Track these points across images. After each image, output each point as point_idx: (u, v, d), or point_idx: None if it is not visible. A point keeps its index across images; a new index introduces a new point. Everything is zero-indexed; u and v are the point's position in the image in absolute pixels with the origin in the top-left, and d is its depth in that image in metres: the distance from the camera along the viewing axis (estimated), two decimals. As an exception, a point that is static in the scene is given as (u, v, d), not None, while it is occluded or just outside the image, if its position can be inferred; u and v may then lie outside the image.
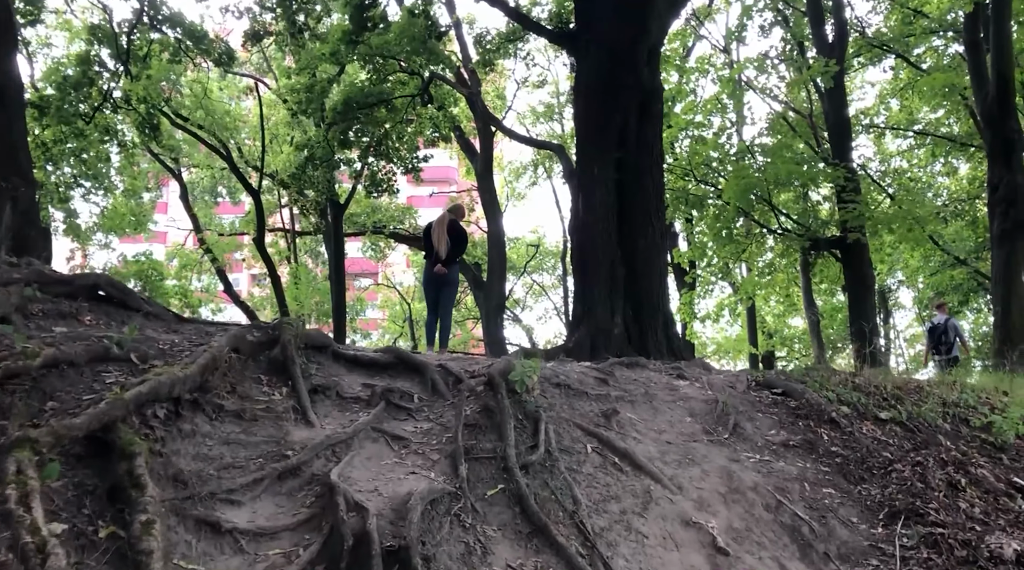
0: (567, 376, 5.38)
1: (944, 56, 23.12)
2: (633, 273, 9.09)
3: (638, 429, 4.87)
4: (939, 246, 21.36)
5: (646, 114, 9.21)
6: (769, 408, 5.77)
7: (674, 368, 6.64)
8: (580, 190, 9.37)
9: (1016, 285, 12.92)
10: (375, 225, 24.76)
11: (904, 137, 24.53)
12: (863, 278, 17.49)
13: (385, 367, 4.88)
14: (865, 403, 6.24)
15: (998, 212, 12.97)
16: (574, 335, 8.97)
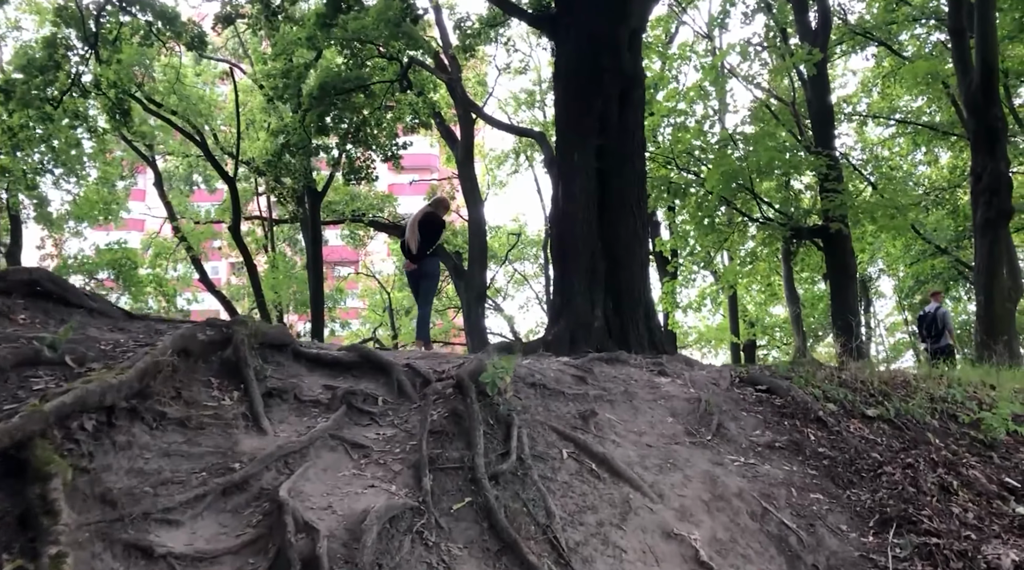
0: (543, 374, 5.11)
1: (926, 44, 23.02)
2: (614, 264, 8.81)
3: (617, 431, 4.60)
4: (920, 235, 21.28)
5: (628, 100, 8.91)
6: (753, 406, 5.53)
7: (655, 364, 6.38)
8: (560, 179, 9.08)
9: (999, 275, 12.78)
10: (354, 213, 24.35)
11: (886, 125, 24.41)
12: (845, 267, 17.35)
13: (349, 367, 4.58)
14: (852, 400, 6.01)
15: (982, 201, 12.80)
16: (553, 328, 8.70)
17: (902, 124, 23.80)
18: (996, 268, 12.70)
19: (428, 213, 9.11)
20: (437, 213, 9.29)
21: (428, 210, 9.15)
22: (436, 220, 9.17)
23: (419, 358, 5.04)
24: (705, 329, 28.16)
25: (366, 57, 19.72)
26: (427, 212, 9.10)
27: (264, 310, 20.76)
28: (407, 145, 21.84)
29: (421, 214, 9.06)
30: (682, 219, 20.57)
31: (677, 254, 22.00)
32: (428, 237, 8.97)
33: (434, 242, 9.12)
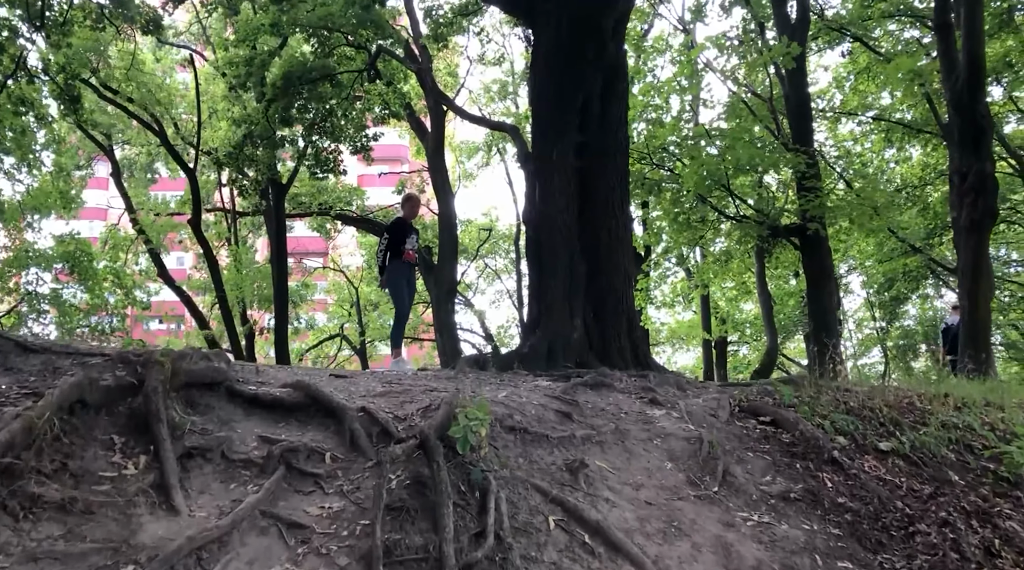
0: (523, 411, 4.35)
1: (900, 41, 22.58)
2: (595, 270, 8.09)
3: (611, 485, 3.86)
4: (895, 234, 20.86)
5: (610, 93, 8.15)
6: (759, 444, 4.83)
7: (645, 389, 5.66)
8: (536, 177, 8.31)
9: (984, 277, 12.29)
10: (321, 206, 23.38)
11: (859, 122, 23.95)
12: (822, 268, 16.79)
13: (292, 409, 3.78)
14: (863, 431, 5.35)
15: (967, 202, 12.27)
16: (529, 340, 7.94)
17: (876, 121, 23.36)
18: (981, 270, 12.20)
19: (396, 220, 8.60)
20: (402, 214, 8.73)
21: (397, 217, 8.68)
22: (396, 224, 8.53)
23: (379, 395, 4.25)
24: (677, 325, 27.64)
25: (333, 46, 18.78)
26: (395, 219, 8.59)
27: (225, 306, 19.75)
28: (377, 136, 20.93)
29: (389, 222, 8.69)
30: (656, 215, 19.93)
31: (651, 251, 21.36)
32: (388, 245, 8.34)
33: (389, 247, 8.36)
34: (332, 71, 18.48)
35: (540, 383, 5.79)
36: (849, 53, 22.13)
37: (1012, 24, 17.13)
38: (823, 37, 21.83)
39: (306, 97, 18.81)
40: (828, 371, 8.39)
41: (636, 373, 6.95)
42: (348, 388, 4.41)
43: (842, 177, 20.97)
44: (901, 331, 28.93)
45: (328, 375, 5.08)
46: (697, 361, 29.50)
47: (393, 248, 8.32)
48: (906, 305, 27.70)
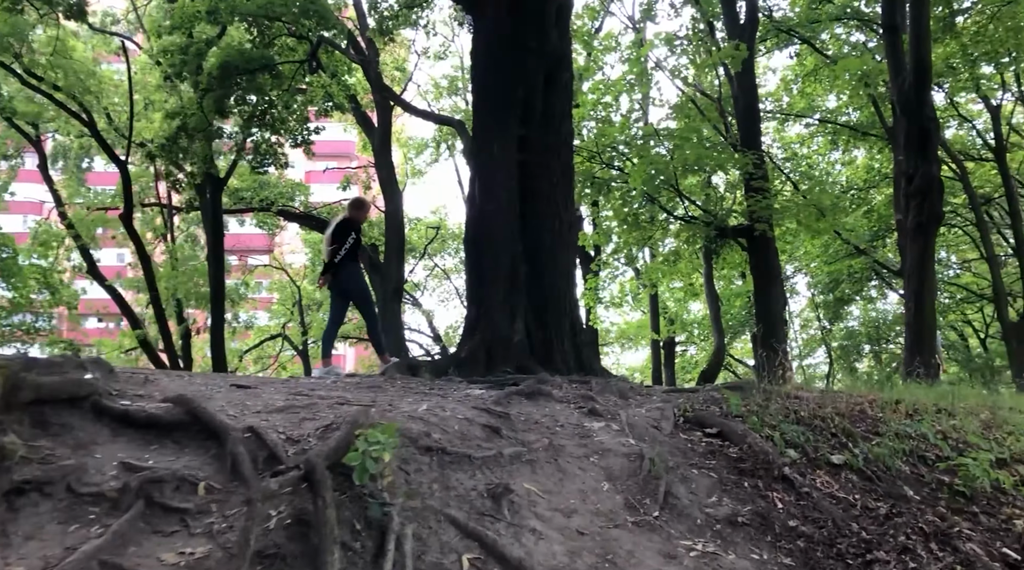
0: (445, 427, 3.86)
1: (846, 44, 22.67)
2: (537, 271, 7.64)
3: (539, 511, 3.40)
4: (840, 236, 20.90)
5: (554, 84, 7.72)
6: (705, 459, 4.42)
7: (585, 398, 5.22)
8: (477, 173, 7.84)
9: (930, 280, 12.21)
10: (262, 202, 22.54)
11: (806, 125, 24.02)
12: (770, 269, 16.66)
13: (170, 429, 3.23)
14: (814, 442, 5.00)
15: (913, 204, 12.17)
16: (467, 343, 7.46)
17: (822, 123, 23.43)
18: (927, 273, 12.11)
19: (340, 219, 8.12)
20: (349, 214, 8.20)
21: (344, 216, 8.14)
22: (345, 223, 8.05)
23: (277, 410, 3.71)
24: (626, 326, 27.43)
25: (274, 35, 18.06)
26: (343, 218, 8.08)
27: (158, 305, 18.85)
28: (319, 130, 20.25)
29: (334, 221, 8.17)
30: (606, 215, 19.62)
31: (600, 251, 21.05)
32: (340, 243, 7.86)
33: (343, 247, 7.89)
34: (272, 62, 17.75)
35: (472, 392, 5.31)
36: (797, 55, 22.15)
37: (954, 29, 17.22)
38: (772, 39, 21.81)
39: (244, 88, 18.04)
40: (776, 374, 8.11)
41: (578, 379, 6.52)
42: (245, 402, 3.87)
43: (789, 179, 20.95)
44: (845, 332, 29.19)
45: (229, 384, 4.53)
46: (646, 362, 29.37)
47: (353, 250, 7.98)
48: (850, 306, 27.94)
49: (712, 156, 16.34)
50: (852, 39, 22.90)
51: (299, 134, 19.53)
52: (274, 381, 5.37)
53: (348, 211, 8.27)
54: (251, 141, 19.52)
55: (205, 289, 20.72)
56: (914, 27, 12.14)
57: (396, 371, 6.93)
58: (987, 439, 6.03)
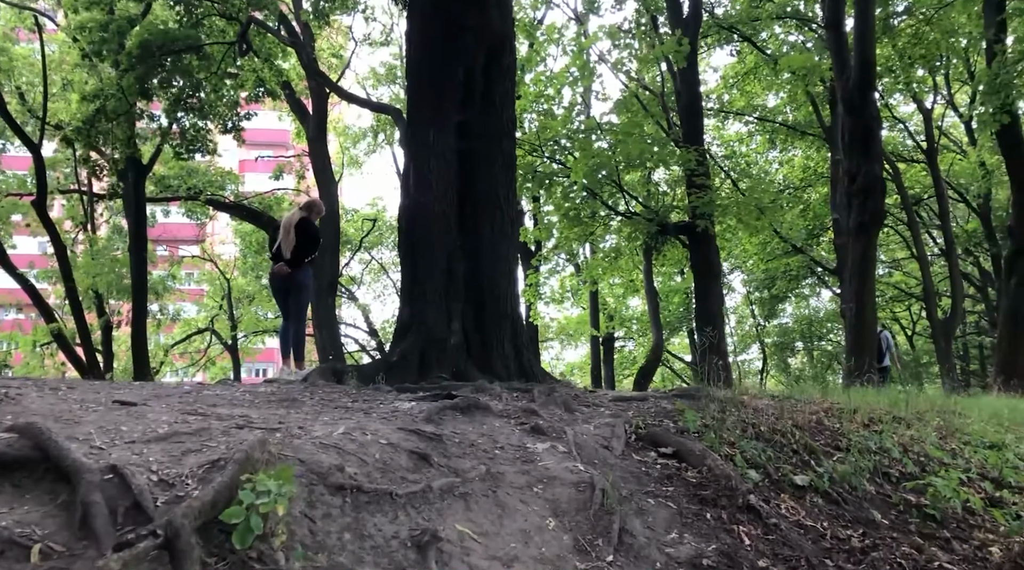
0: (363, 457, 3.24)
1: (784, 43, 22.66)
2: (476, 268, 7.05)
3: (474, 562, 2.82)
4: (778, 234, 20.87)
5: (495, 66, 7.13)
6: (662, 486, 3.90)
7: (527, 412, 4.66)
8: (412, 162, 7.19)
9: (871, 280, 12.06)
10: (190, 190, 21.38)
11: (745, 123, 23.97)
12: (710, 266, 16.44)
13: (10, 468, 2.54)
14: (776, 461, 4.55)
15: (855, 203, 11.99)
16: (400, 345, 6.82)
17: (760, 122, 23.41)
18: (868, 274, 11.95)
19: (304, 218, 7.80)
20: (311, 218, 7.96)
21: (303, 215, 7.83)
22: (312, 226, 7.89)
23: (158, 438, 3.03)
24: (566, 321, 27.07)
25: (202, 15, 17.00)
26: (303, 217, 7.78)
27: (75, 297, 17.61)
28: (251, 116, 19.26)
29: (296, 217, 7.79)
30: (547, 210, 19.15)
31: (541, 246, 20.58)
32: (307, 243, 7.67)
33: (313, 249, 7.80)
34: (199, 42, 16.71)
35: (401, 406, 4.70)
36: (737, 52, 22.04)
37: (892, 31, 17.24)
38: (713, 35, 21.63)
39: (169, 69, 16.96)
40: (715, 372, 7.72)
41: (519, 387, 5.97)
42: (121, 426, 3.18)
43: (729, 176, 20.81)
44: (779, 329, 29.44)
45: (112, 401, 3.82)
46: (585, 358, 29.11)
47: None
48: (784, 303, 28.16)
49: (654, 152, 16.00)
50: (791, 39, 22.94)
51: (229, 120, 18.53)
52: (170, 392, 4.65)
53: (310, 213, 7.99)
54: (177, 126, 18.44)
55: (127, 281, 19.51)
56: (859, 25, 11.95)
57: (320, 377, 6.27)
58: (946, 451, 5.71)
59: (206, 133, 17.88)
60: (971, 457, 5.67)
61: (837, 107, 20.06)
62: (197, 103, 17.84)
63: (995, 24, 14.44)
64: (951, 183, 23.80)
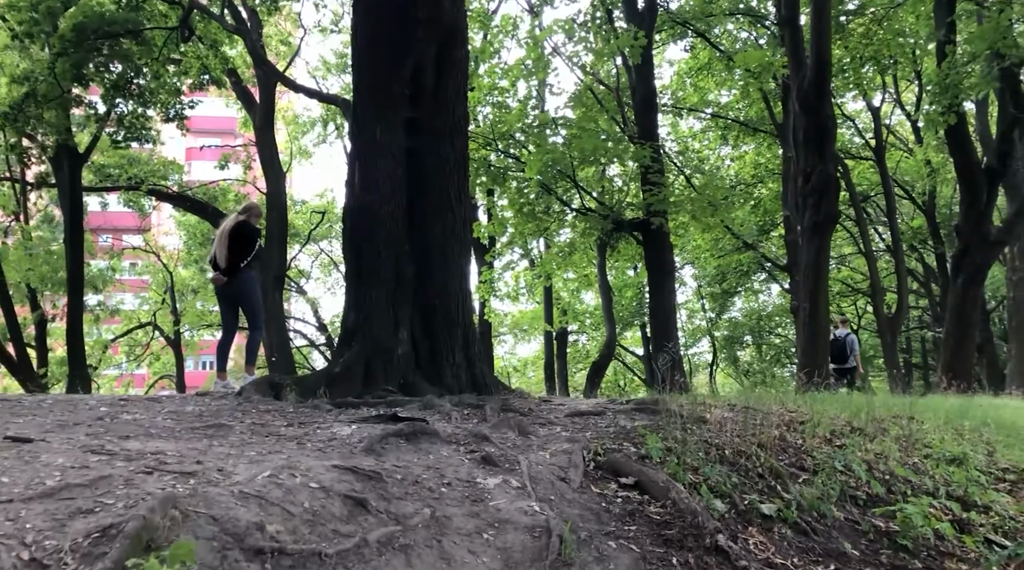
0: (290, 508, 2.83)
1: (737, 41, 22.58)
2: (426, 272, 6.64)
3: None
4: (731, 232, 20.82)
5: (446, 60, 6.70)
6: (624, 524, 3.57)
7: (478, 438, 4.28)
8: (357, 160, 6.73)
9: (824, 280, 11.97)
10: (131, 180, 20.44)
11: (699, 118, 23.87)
12: (664, 263, 16.27)
13: None
14: (741, 487, 4.26)
15: (810, 203, 11.86)
16: (343, 355, 6.39)
17: (713, 118, 23.33)
18: (822, 273, 11.85)
19: (240, 222, 7.44)
20: (250, 221, 7.60)
21: (240, 219, 7.48)
22: (249, 227, 7.52)
23: (40, 495, 2.58)
24: (520, 315, 26.75)
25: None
26: (239, 221, 7.53)
27: (5, 291, 16.65)
28: (194, 104, 18.44)
29: (232, 222, 7.51)
30: (501, 205, 18.75)
31: (495, 241, 20.20)
32: (242, 249, 7.39)
33: (249, 254, 7.42)
34: (139, 26, 15.88)
35: (340, 431, 4.28)
36: (692, 48, 21.88)
37: (844, 30, 17.22)
38: (667, 31, 21.44)
39: (106, 54, 16.11)
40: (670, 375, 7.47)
41: (470, 401, 5.60)
42: (1, 478, 2.71)
43: (683, 172, 20.68)
44: (729, 323, 29.58)
45: (3, 438, 3.32)
46: (538, 352, 28.86)
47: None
48: (735, 298, 28.27)
49: (609, 147, 15.71)
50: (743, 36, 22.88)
51: (171, 108, 17.75)
52: (80, 419, 4.15)
53: (248, 217, 7.62)
54: (115, 113, 17.57)
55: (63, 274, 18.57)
56: (815, 23, 11.79)
57: (255, 391, 5.80)
58: (909, 467, 5.51)
59: (145, 121, 17.08)
60: (935, 472, 5.48)
61: (790, 104, 20.07)
62: (137, 90, 17.03)
63: (945, 25, 14.47)
64: (897, 181, 24.08)
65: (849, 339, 13.73)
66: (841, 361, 13.46)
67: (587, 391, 21.49)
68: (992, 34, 12.83)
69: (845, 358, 13.46)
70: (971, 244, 14.98)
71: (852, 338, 13.90)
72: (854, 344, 13.77)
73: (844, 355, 13.44)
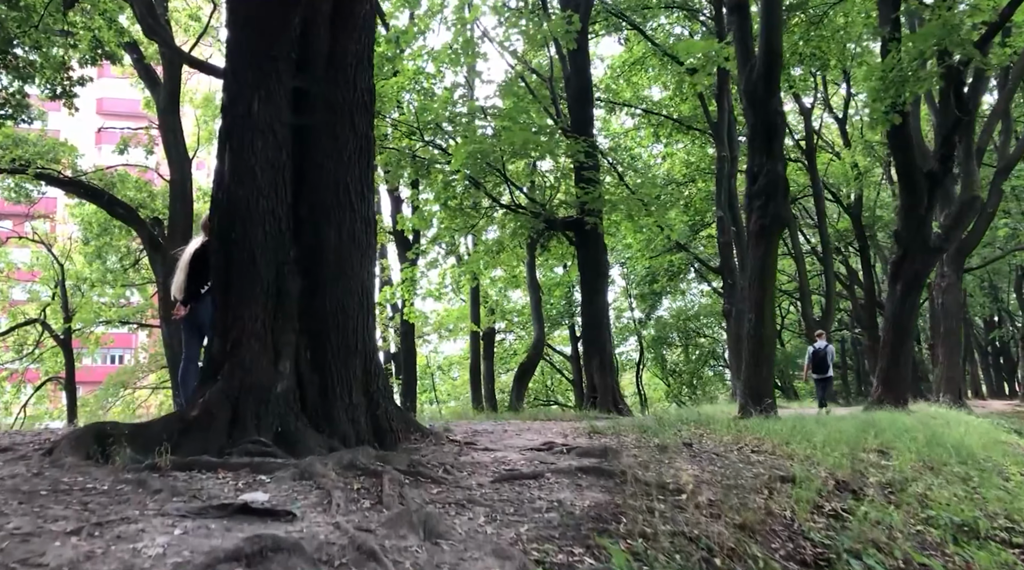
0: None
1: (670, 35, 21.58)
2: (316, 287, 5.09)
3: None
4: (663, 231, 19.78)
5: (344, 16, 5.15)
6: None
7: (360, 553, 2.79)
8: (228, 141, 5.10)
9: (771, 287, 10.86)
10: (15, 162, 18.04)
11: (632, 115, 22.77)
12: (598, 264, 15.03)
13: None
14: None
15: (756, 205, 10.72)
16: (204, 394, 4.77)
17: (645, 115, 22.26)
18: (768, 280, 10.74)
19: (203, 244, 6.05)
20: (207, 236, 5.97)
21: (203, 240, 6.12)
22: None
23: None
24: (445, 314, 25.19)
25: (17, -44, 13.95)
26: (202, 242, 6.07)
27: None
28: (85, 81, 16.21)
29: (195, 247, 6.18)
30: (426, 198, 17.18)
31: (420, 236, 18.62)
32: (200, 274, 5.98)
33: (207, 278, 5.79)
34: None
35: (145, 547, 2.72)
36: (626, 41, 20.74)
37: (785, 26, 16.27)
38: (601, 22, 20.23)
39: (-26, 18, 13.85)
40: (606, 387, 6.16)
41: (366, 464, 4.10)
42: None
43: (615, 169, 19.53)
44: (657, 323, 28.72)
45: None
46: (464, 352, 27.38)
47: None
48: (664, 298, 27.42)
49: (540, 141, 14.34)
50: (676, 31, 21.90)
51: (57, 84, 15.54)
52: None
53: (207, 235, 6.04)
54: (-12, 87, 15.26)
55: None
56: (765, 10, 10.65)
57: (71, 449, 4.16)
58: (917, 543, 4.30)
59: (23, 97, 14.84)
60: (952, 552, 4.28)
61: (724, 102, 19.15)
62: (12, 61, 14.77)
63: (890, 21, 13.61)
64: (824, 183, 23.55)
65: (828, 350, 14.03)
66: (822, 371, 13.89)
67: (514, 398, 20.20)
68: (940, 31, 11.99)
69: (826, 368, 13.85)
70: (911, 250, 14.23)
71: (831, 348, 14.19)
72: (833, 355, 14.23)
73: (825, 365, 13.82)
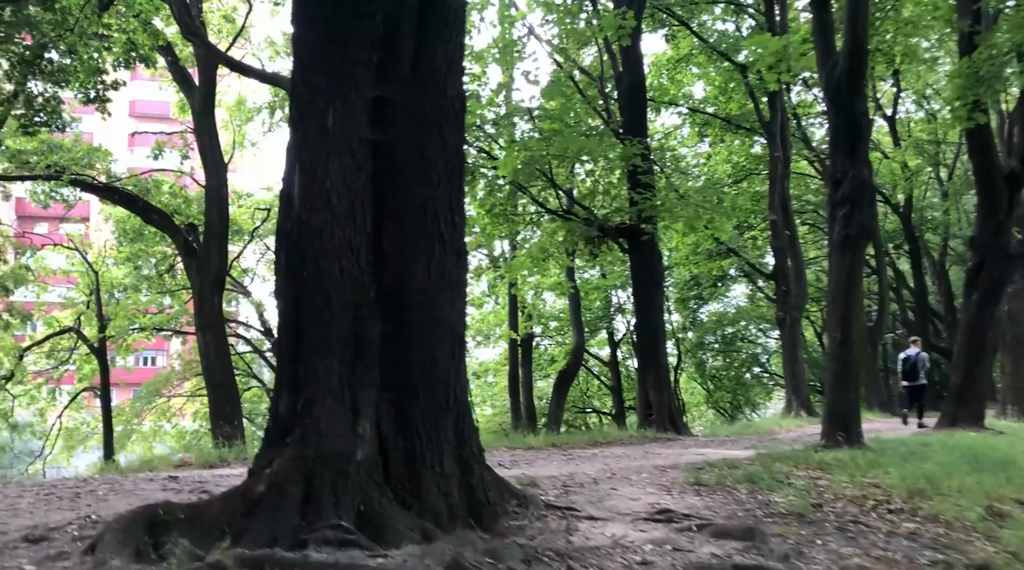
0: None
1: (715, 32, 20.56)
2: (401, 333, 4.23)
3: None
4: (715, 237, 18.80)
5: (436, 5, 4.29)
6: None
7: None
8: (298, 160, 4.24)
9: (858, 303, 9.89)
10: (50, 168, 17.51)
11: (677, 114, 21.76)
12: (652, 274, 14.10)
13: None
14: None
15: (840, 214, 9.73)
16: (269, 464, 3.92)
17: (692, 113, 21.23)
18: (854, 295, 9.75)
19: None
20: None
21: None
22: None
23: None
24: (481, 319, 24.35)
25: (50, -42, 13.31)
26: None
27: None
28: (119, 85, 15.58)
29: None
30: (469, 203, 16.33)
31: (461, 244, 17.82)
32: None
33: None
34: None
35: None
36: (672, 37, 19.73)
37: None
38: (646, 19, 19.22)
39: (8, 22, 13.29)
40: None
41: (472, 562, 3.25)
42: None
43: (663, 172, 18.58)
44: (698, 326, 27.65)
45: None
46: (501, 357, 26.55)
47: None
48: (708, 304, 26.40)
49: (595, 145, 13.44)
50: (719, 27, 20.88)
51: (91, 88, 14.96)
52: None
53: None
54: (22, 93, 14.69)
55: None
56: (852, 2, 9.65)
57: (116, 544, 3.35)
58: None
59: (58, 103, 14.26)
60: None
61: (777, 100, 18.12)
62: (48, 66, 14.19)
63: (971, 14, 12.54)
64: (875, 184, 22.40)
65: (920, 357, 13.64)
66: (913, 378, 13.52)
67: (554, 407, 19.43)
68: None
69: (916, 375, 13.47)
70: (988, 257, 13.16)
71: (923, 356, 13.81)
72: (925, 362, 13.83)
73: (916, 373, 13.44)
